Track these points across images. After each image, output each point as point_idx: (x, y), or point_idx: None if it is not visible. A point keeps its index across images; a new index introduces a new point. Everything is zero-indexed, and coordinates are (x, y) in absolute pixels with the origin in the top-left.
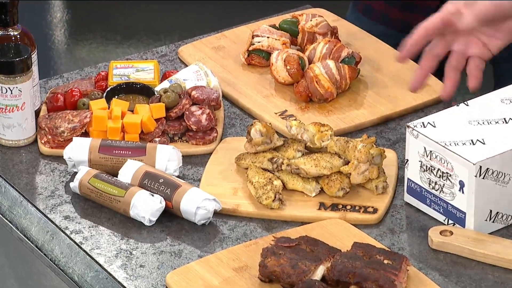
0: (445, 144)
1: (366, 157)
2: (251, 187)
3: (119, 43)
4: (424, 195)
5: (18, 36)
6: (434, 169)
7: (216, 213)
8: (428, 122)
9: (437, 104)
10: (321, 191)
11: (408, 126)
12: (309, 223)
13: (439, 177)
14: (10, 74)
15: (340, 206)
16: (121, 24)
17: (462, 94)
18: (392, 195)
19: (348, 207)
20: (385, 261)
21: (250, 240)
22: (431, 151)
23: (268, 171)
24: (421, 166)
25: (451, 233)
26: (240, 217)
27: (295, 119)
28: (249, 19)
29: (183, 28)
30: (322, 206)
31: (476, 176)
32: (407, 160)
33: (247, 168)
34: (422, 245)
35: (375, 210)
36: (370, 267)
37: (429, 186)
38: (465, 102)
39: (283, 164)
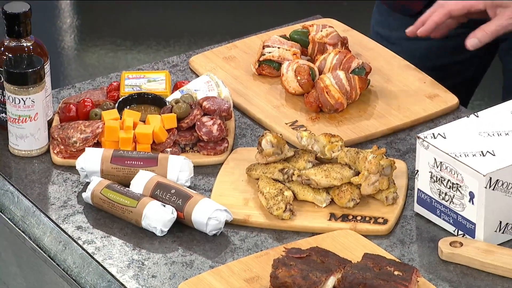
0: (455, 155)
1: (376, 168)
2: (262, 198)
3: (129, 49)
4: (434, 205)
5: (31, 47)
6: (444, 180)
7: (227, 224)
8: (439, 133)
9: (447, 115)
10: (332, 201)
11: (418, 137)
12: (319, 233)
13: (449, 188)
14: (23, 85)
15: (351, 217)
16: (130, 30)
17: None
18: (402, 205)
19: (359, 217)
20: (395, 272)
21: (261, 250)
22: (441, 162)
23: (279, 181)
24: (431, 177)
25: (461, 244)
26: (251, 227)
27: (305, 130)
28: (258, 25)
29: (192, 34)
30: (332, 216)
31: (486, 187)
32: (417, 170)
33: (258, 179)
34: (432, 256)
35: (385, 221)
36: (380, 278)
37: (439, 196)
38: (475, 114)
39: (293, 174)
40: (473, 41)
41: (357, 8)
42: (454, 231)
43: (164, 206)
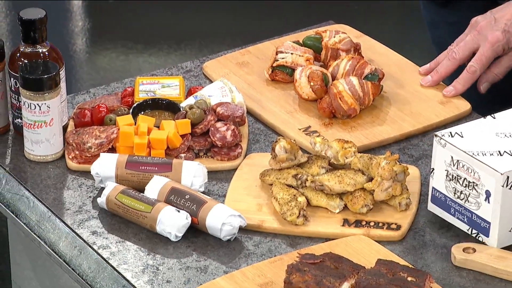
0: (473, 153)
1: (389, 174)
2: (276, 203)
3: (140, 52)
4: (448, 204)
5: (47, 53)
6: (461, 178)
7: (241, 229)
8: (456, 132)
9: (459, 121)
10: (345, 207)
11: (436, 135)
12: (333, 239)
13: (465, 186)
14: (39, 91)
15: (364, 223)
16: (141, 33)
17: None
18: (415, 211)
19: (372, 223)
20: (409, 278)
21: (275, 256)
22: (458, 160)
23: (293, 187)
24: (447, 175)
25: (474, 250)
26: (264, 233)
27: (318, 135)
28: (267, 27)
29: (203, 37)
30: (346, 222)
31: (503, 186)
32: (433, 169)
33: (271, 184)
34: (445, 262)
35: (398, 227)
36: (394, 284)
37: (454, 195)
38: (492, 115)
39: (307, 180)
40: (485, 85)
41: (367, 12)
42: (468, 230)
43: (179, 211)
